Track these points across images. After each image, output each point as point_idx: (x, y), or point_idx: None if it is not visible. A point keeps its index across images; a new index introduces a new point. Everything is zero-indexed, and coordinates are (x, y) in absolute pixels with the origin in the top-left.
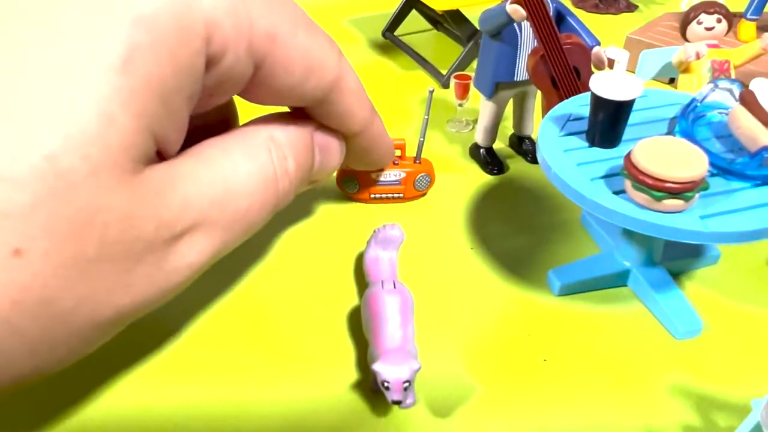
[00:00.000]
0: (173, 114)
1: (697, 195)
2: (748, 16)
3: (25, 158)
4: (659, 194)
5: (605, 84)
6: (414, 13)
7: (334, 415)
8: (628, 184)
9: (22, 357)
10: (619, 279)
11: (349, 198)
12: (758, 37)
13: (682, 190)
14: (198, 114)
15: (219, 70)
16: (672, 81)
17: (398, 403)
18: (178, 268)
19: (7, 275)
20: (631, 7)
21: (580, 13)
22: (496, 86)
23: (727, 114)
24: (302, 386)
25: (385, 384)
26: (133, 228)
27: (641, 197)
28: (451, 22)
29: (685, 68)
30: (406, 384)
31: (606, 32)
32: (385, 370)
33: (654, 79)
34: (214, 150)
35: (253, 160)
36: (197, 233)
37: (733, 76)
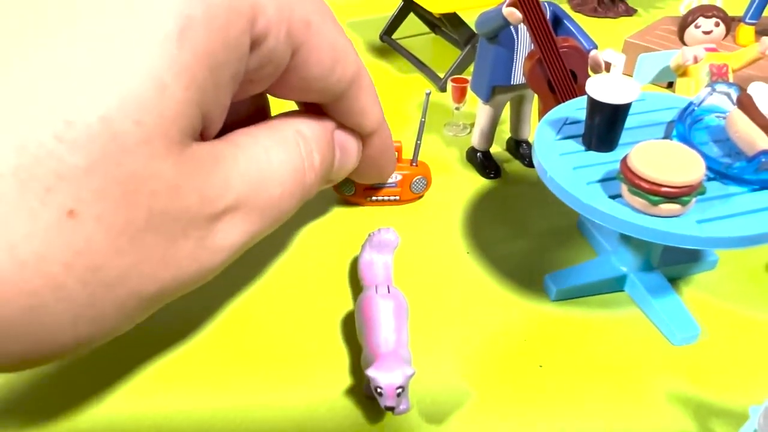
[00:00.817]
0: (220, 91)
1: (693, 199)
2: (747, 20)
3: (82, 119)
4: (656, 198)
5: (602, 87)
6: (412, 16)
7: (328, 422)
8: (624, 189)
9: (65, 325)
10: (616, 284)
11: (345, 201)
12: (757, 41)
13: (678, 195)
14: (235, 103)
15: (261, 53)
16: (670, 85)
17: (391, 409)
18: (219, 247)
19: (62, 238)
20: (630, 11)
21: (579, 17)
22: (493, 90)
23: (724, 118)
24: (296, 391)
25: (378, 390)
26: (180, 199)
27: (638, 201)
28: (448, 26)
29: (683, 72)
30: (399, 390)
31: (604, 36)
32: (378, 375)
33: (652, 82)
34: (247, 138)
35: (283, 150)
36: (237, 214)
37: (731, 80)
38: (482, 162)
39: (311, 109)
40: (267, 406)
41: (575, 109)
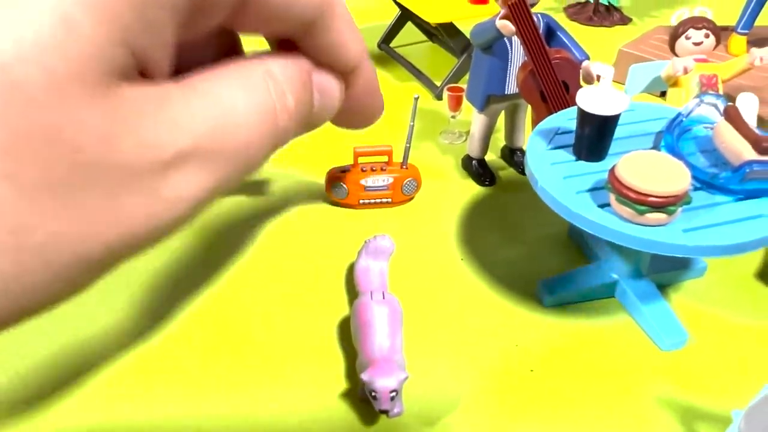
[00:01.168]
0: (154, 26)
1: (680, 209)
2: (739, 30)
3: None
4: (642, 208)
5: (591, 99)
6: (409, 24)
7: (324, 423)
8: (612, 198)
9: None
10: (607, 290)
11: (337, 204)
12: (748, 51)
13: (664, 204)
14: (195, 42)
15: None
16: (663, 94)
17: (385, 412)
18: (177, 198)
19: None
20: (625, 20)
21: (575, 26)
22: (488, 99)
23: (712, 128)
24: (292, 395)
25: (373, 393)
26: (113, 150)
27: (625, 211)
28: (445, 35)
29: (673, 82)
30: (393, 393)
31: (600, 44)
32: (373, 380)
33: (645, 92)
34: (205, 78)
35: (250, 92)
36: (192, 163)
37: (721, 91)
38: (477, 170)
39: (284, 48)
40: (264, 409)
41: (566, 119)
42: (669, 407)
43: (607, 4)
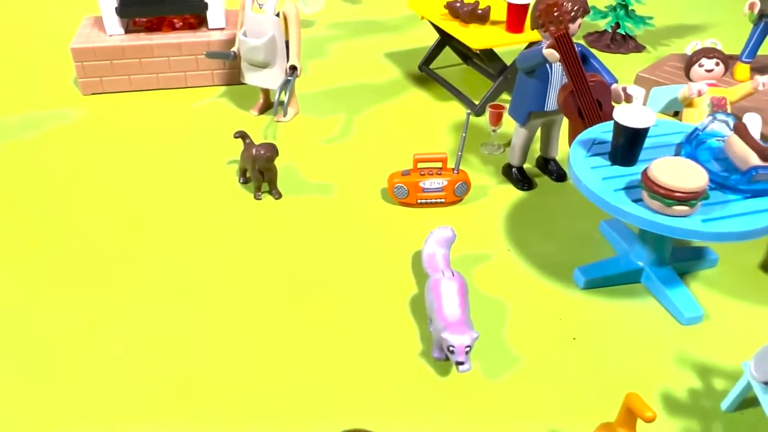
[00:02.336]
0: None
1: (699, 203)
2: (743, 59)
3: None
4: (670, 201)
5: (626, 114)
6: (446, 48)
7: (406, 375)
8: (644, 194)
9: None
10: (634, 276)
11: (400, 204)
12: (751, 78)
13: (688, 199)
14: None
15: None
16: (676, 114)
17: (461, 363)
18: None
19: None
20: (639, 48)
21: (594, 52)
22: (529, 115)
23: (723, 141)
24: (378, 355)
25: (451, 348)
26: None
27: (655, 204)
28: (484, 59)
29: (688, 103)
30: (468, 348)
31: (616, 69)
32: (452, 337)
33: (661, 112)
34: None
35: None
36: None
37: (729, 111)
38: (517, 176)
39: None
40: (354, 368)
41: (601, 132)
42: (688, 367)
43: (623, 33)
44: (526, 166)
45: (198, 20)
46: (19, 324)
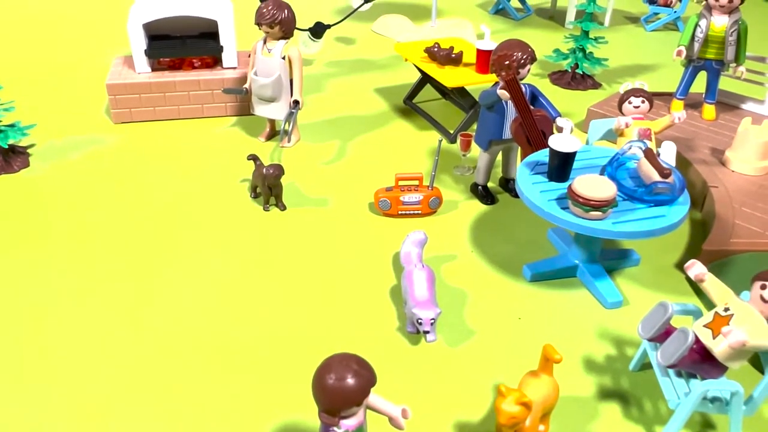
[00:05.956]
0: None
1: (610, 210)
2: (677, 96)
3: None
4: (587, 208)
5: (559, 141)
6: (428, 86)
7: (386, 345)
8: (569, 203)
9: None
10: (571, 271)
11: (383, 214)
12: (684, 111)
13: (600, 206)
14: None
15: None
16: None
17: (427, 333)
18: None
19: None
20: (596, 85)
21: (556, 89)
22: (490, 142)
23: (637, 163)
24: (364, 331)
25: (419, 320)
26: None
27: (577, 210)
28: (457, 95)
29: (621, 133)
30: (432, 321)
31: (575, 104)
32: (420, 312)
33: (604, 140)
34: None
35: None
36: None
37: (654, 139)
38: (482, 193)
39: None
40: (345, 340)
41: (544, 156)
42: (607, 339)
43: (581, 72)
44: (490, 184)
45: (214, 60)
46: (66, 311)
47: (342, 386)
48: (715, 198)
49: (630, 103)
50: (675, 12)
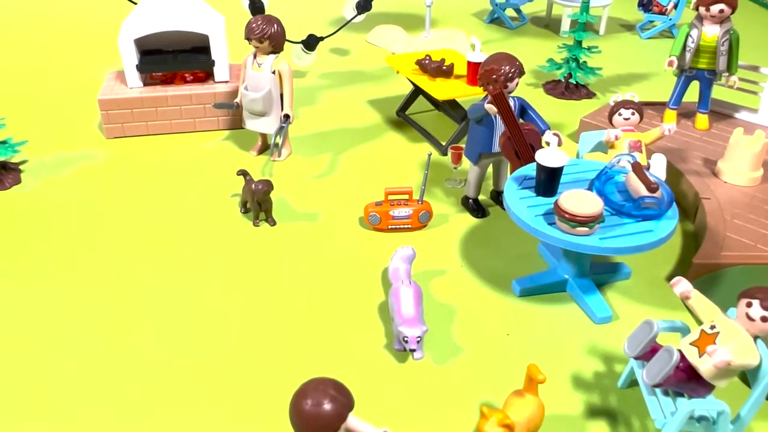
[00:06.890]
0: None
1: (597, 225)
2: (670, 106)
3: None
4: (573, 224)
5: (546, 156)
6: (420, 97)
7: (372, 363)
8: (556, 218)
9: None
10: (560, 286)
11: (373, 229)
12: (678, 121)
13: (586, 221)
14: None
15: None
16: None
17: (414, 351)
18: None
19: None
20: (590, 95)
21: (550, 99)
22: (480, 155)
23: (625, 177)
24: (351, 348)
25: (405, 338)
26: None
27: (563, 226)
28: (448, 107)
29: (611, 145)
30: (419, 339)
31: (568, 114)
32: (406, 330)
33: (595, 152)
34: None
35: None
36: None
37: (644, 151)
38: (473, 206)
39: None
40: (333, 357)
41: (532, 170)
42: (596, 355)
43: (575, 82)
44: (481, 197)
45: (206, 74)
46: (56, 325)
47: (318, 412)
48: (706, 210)
49: (620, 115)
50: (670, 19)
